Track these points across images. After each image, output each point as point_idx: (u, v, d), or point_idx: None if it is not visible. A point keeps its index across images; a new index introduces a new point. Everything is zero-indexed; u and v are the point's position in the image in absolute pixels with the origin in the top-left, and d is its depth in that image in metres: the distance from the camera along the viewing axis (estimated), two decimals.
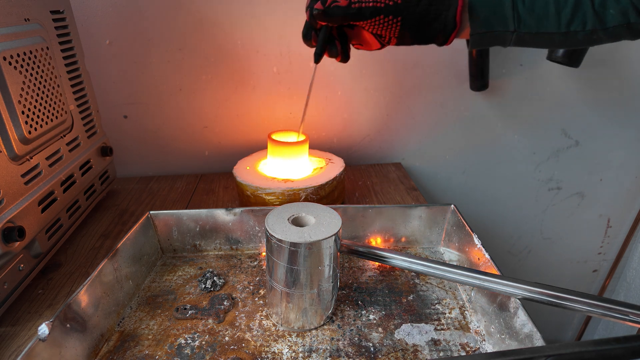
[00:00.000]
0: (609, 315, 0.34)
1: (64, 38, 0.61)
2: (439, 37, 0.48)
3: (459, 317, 0.47)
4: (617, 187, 1.00)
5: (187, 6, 0.76)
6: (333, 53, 0.53)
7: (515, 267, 1.10)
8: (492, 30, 0.46)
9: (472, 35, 0.47)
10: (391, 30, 0.48)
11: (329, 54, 0.53)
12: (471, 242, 0.50)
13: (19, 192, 0.49)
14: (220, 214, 0.56)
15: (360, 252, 0.45)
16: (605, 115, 0.91)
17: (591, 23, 0.43)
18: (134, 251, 0.51)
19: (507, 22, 0.45)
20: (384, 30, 0.48)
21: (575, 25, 0.43)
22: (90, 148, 0.67)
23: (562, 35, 0.44)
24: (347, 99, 0.87)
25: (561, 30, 0.44)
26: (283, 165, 0.66)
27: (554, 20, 0.44)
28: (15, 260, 0.48)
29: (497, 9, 0.45)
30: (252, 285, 0.52)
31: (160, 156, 0.89)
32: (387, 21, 0.47)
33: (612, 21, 0.42)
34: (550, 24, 0.44)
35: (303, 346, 0.43)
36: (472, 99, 0.88)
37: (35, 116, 0.52)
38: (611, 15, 0.42)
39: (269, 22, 0.78)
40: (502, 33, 0.46)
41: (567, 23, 0.43)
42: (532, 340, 0.36)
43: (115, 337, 0.44)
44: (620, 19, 0.42)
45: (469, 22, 0.46)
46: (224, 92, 0.83)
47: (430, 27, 0.47)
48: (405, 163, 0.94)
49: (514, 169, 0.96)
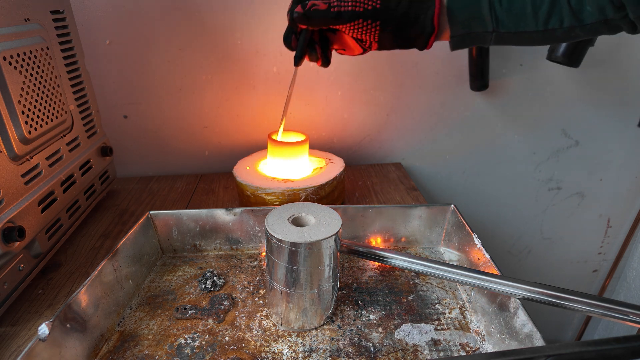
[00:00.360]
0: (609, 315, 0.34)
1: (64, 38, 0.61)
2: (419, 40, 0.49)
3: (459, 317, 0.47)
4: (617, 187, 1.00)
5: (187, 6, 0.76)
6: (313, 57, 0.54)
7: (515, 267, 1.10)
8: (471, 31, 0.46)
9: (453, 37, 0.48)
10: (371, 34, 0.48)
11: (309, 58, 0.54)
12: (471, 242, 0.50)
13: (19, 192, 0.49)
14: (220, 214, 0.56)
15: (360, 252, 0.45)
16: (605, 115, 0.91)
17: (568, 20, 0.43)
18: (134, 251, 0.51)
19: (486, 23, 0.45)
20: (364, 34, 0.48)
21: (552, 23, 0.44)
22: (90, 148, 0.67)
23: (540, 33, 0.44)
24: (347, 99, 0.87)
25: (539, 29, 0.44)
26: (283, 165, 0.67)
27: (531, 19, 0.44)
28: (15, 260, 0.48)
29: (475, 11, 0.45)
30: (252, 285, 0.52)
31: (160, 156, 0.89)
32: (366, 25, 0.47)
33: (589, 18, 0.42)
34: (528, 23, 0.44)
35: (303, 346, 0.43)
36: (472, 99, 0.88)
37: (35, 116, 0.52)
38: (588, 12, 0.42)
39: (269, 22, 0.78)
40: (482, 34, 0.46)
41: (545, 21, 0.44)
42: (532, 340, 0.36)
43: (115, 337, 0.44)
44: (597, 16, 0.42)
45: (448, 24, 0.47)
46: (224, 92, 0.84)
47: (409, 30, 0.48)
48: (405, 163, 0.94)
49: (514, 169, 0.96)
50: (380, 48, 0.51)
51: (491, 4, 0.45)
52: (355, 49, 0.53)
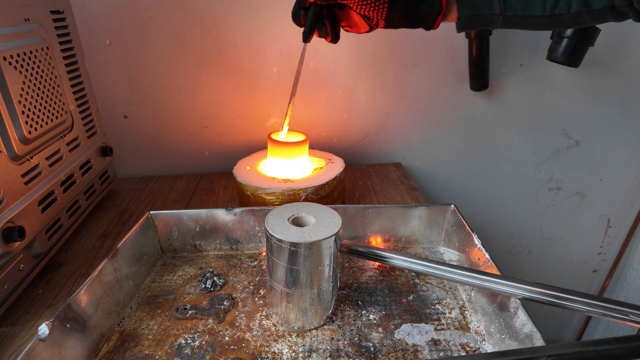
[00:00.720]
0: (609, 315, 0.34)
1: (64, 38, 0.61)
2: (427, 19, 0.49)
3: (459, 317, 0.47)
4: (617, 187, 1.00)
5: (187, 6, 0.76)
6: (322, 32, 0.53)
7: (515, 267, 1.10)
8: (479, 13, 0.46)
9: (460, 18, 0.48)
10: (378, 11, 0.48)
11: (319, 34, 0.53)
12: (471, 242, 0.50)
13: (19, 192, 0.49)
14: (220, 214, 0.56)
15: (360, 252, 0.45)
16: (605, 115, 0.91)
17: (576, 5, 0.43)
18: (134, 251, 0.51)
19: (493, 5, 0.45)
20: (371, 11, 0.48)
21: (560, 8, 0.44)
22: (90, 148, 0.67)
23: (547, 18, 0.45)
24: (347, 99, 0.87)
25: (546, 14, 0.44)
26: (283, 165, 0.67)
27: (539, 3, 0.44)
28: (15, 260, 0.48)
29: None
30: (252, 285, 0.52)
31: (160, 156, 0.89)
32: (374, 2, 0.47)
33: (596, 3, 0.42)
34: (535, 6, 0.44)
35: (303, 346, 0.43)
36: (472, 99, 0.88)
37: (35, 116, 0.52)
38: None
39: (269, 22, 0.78)
40: (489, 16, 0.46)
41: (552, 6, 0.44)
42: (532, 340, 0.36)
43: (115, 337, 0.44)
44: (604, 1, 0.42)
45: (456, 5, 0.47)
46: (224, 92, 0.83)
47: (417, 9, 0.48)
48: (405, 163, 0.94)
49: (514, 169, 0.96)
50: (387, 26, 0.50)
51: None
52: (362, 27, 0.52)
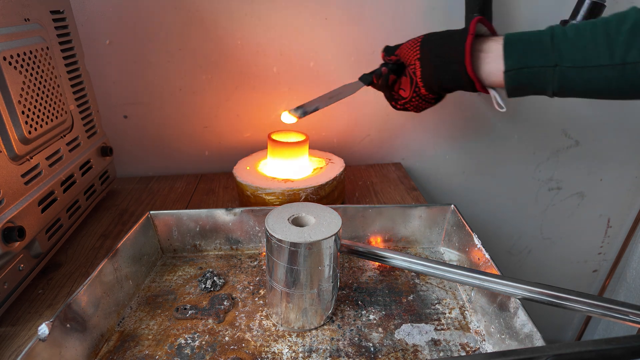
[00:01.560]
0: (609, 315, 0.34)
1: (64, 38, 0.61)
2: (466, 89, 0.49)
3: (459, 317, 0.47)
4: (617, 187, 0.99)
5: (187, 6, 0.76)
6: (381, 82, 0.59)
7: (515, 267, 1.10)
8: (528, 65, 0.40)
9: (507, 72, 0.42)
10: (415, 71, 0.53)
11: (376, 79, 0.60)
12: (471, 242, 0.50)
13: (19, 192, 0.49)
14: (220, 214, 0.56)
15: (360, 252, 0.45)
16: (605, 115, 0.91)
17: None
18: (134, 251, 0.51)
19: (547, 55, 0.38)
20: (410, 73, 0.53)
21: (633, 56, 0.35)
22: (90, 148, 0.67)
23: (615, 68, 0.36)
24: (347, 99, 0.86)
25: (615, 62, 0.36)
26: (283, 165, 0.67)
27: (603, 50, 0.36)
28: (15, 260, 0.48)
29: (534, 42, 0.39)
30: (252, 285, 0.52)
31: (161, 156, 0.89)
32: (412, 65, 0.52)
33: None
34: (600, 55, 0.36)
35: (303, 346, 0.43)
36: (472, 99, 0.88)
37: (35, 116, 0.52)
38: None
39: (269, 22, 0.78)
40: (541, 70, 0.39)
41: (623, 53, 0.36)
42: (532, 340, 0.36)
43: (115, 337, 0.44)
44: None
45: (503, 58, 0.42)
46: (224, 92, 0.83)
47: (445, 78, 0.48)
48: (405, 163, 0.94)
49: (514, 169, 0.96)
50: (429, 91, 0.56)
51: (553, 33, 0.38)
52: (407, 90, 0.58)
